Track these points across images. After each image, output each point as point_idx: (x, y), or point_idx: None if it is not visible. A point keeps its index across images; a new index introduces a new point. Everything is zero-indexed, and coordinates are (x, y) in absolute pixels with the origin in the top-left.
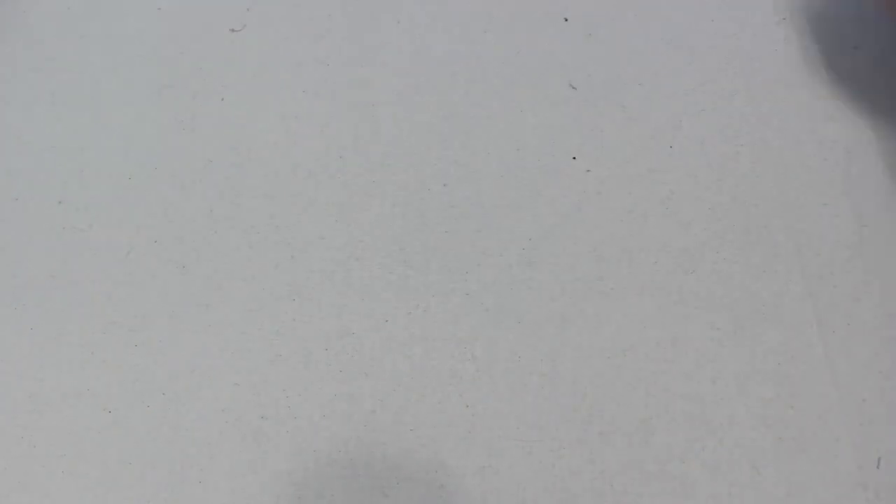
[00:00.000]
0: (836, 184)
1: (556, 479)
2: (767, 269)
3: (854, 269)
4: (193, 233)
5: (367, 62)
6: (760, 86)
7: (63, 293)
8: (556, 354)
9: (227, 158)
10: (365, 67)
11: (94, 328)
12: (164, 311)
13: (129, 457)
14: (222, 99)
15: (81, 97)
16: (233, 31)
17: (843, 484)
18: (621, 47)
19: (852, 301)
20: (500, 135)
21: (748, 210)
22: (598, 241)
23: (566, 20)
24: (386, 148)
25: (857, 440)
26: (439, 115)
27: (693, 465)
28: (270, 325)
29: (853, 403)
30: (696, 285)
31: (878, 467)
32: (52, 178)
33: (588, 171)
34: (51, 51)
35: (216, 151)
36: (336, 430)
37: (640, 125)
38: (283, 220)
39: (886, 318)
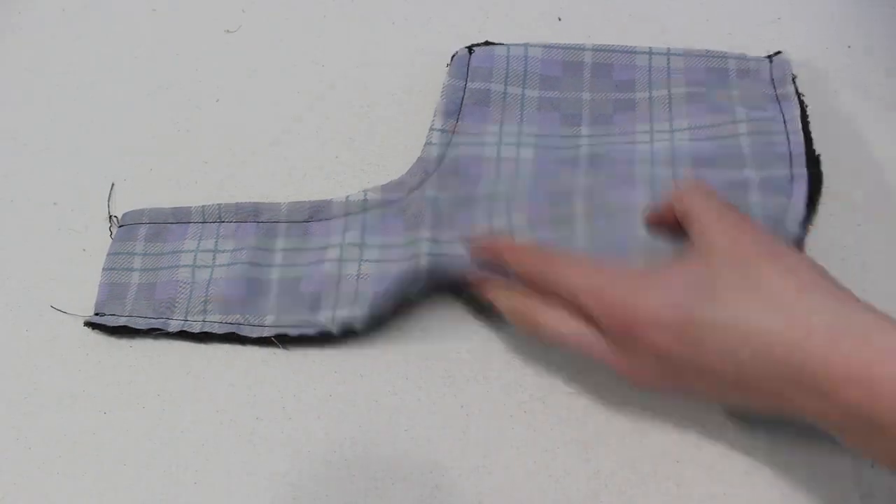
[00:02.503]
0: (833, 183)
1: (550, 480)
2: None
3: (854, 269)
4: None
5: (363, 63)
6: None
7: (58, 294)
8: (552, 353)
9: (223, 159)
10: (360, 68)
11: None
12: None
13: (125, 458)
14: (217, 100)
15: (77, 98)
16: (228, 32)
17: (837, 482)
18: None
19: None
20: None
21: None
22: None
23: (560, 20)
24: (382, 149)
25: None
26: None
27: (688, 465)
28: None
29: None
30: None
31: (872, 466)
32: (48, 179)
33: None
34: (46, 52)
35: (212, 152)
36: (331, 431)
37: None
38: None
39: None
